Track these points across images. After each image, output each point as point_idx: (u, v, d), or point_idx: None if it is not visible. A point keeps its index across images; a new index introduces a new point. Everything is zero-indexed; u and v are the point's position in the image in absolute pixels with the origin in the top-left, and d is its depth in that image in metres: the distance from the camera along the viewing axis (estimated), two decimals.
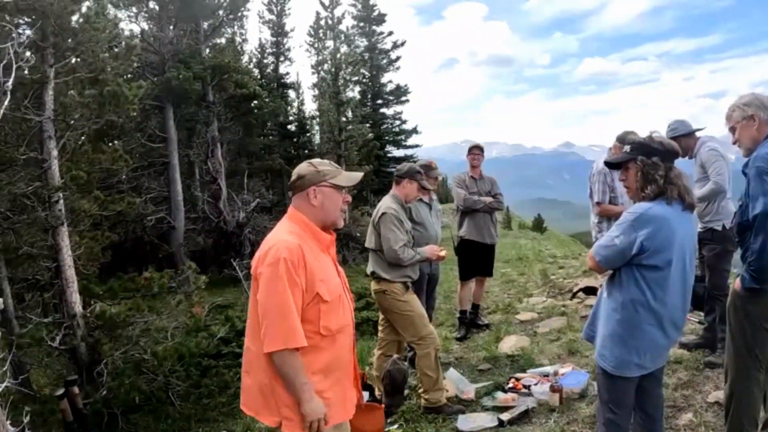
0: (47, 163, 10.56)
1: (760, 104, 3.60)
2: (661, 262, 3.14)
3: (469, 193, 7.71)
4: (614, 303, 3.29)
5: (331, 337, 2.97)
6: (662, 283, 3.18)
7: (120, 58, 11.54)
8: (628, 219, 3.18)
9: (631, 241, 3.12)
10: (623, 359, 3.26)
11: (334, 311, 2.99)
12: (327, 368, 2.99)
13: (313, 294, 2.88)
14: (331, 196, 3.07)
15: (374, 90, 38.41)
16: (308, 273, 2.86)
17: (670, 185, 3.18)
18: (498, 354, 7.03)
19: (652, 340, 3.25)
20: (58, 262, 10.79)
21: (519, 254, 18.49)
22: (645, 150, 3.24)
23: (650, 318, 3.20)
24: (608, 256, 3.23)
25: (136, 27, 24.66)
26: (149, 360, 10.87)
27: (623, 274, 3.24)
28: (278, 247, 2.85)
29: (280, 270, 2.78)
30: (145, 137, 23.47)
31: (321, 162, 3.13)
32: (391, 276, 5.32)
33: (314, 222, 3.06)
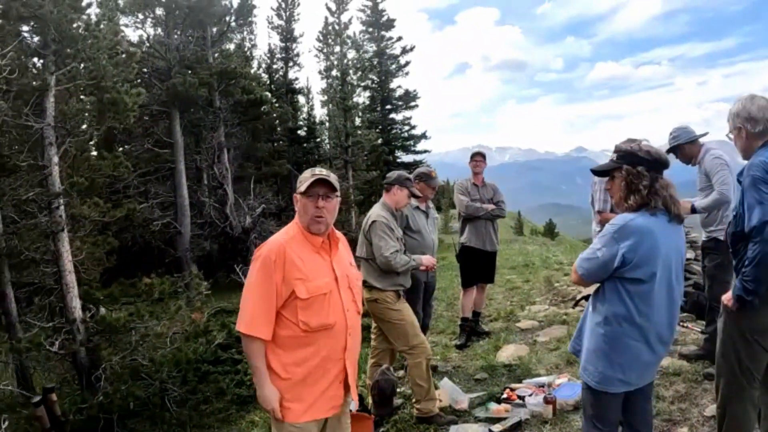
0: (48, 170, 10.58)
1: (747, 116, 3.51)
2: (645, 276, 3.06)
3: (471, 200, 7.66)
4: (598, 317, 3.21)
5: (312, 333, 3.13)
6: (646, 297, 3.09)
7: (121, 65, 11.56)
8: (610, 231, 3.09)
9: (613, 253, 3.04)
10: (607, 375, 3.18)
11: (313, 309, 3.13)
12: (303, 362, 3.15)
13: (290, 290, 3.08)
14: (303, 202, 3.23)
15: (383, 95, 38.39)
16: (287, 271, 3.08)
17: (654, 196, 3.08)
18: (495, 363, 6.97)
19: (637, 356, 3.18)
20: (59, 267, 10.80)
21: (526, 260, 18.36)
22: (631, 159, 3.15)
23: (634, 333, 3.12)
24: (590, 269, 3.16)
25: (143, 33, 24.83)
26: (147, 365, 10.87)
27: (606, 287, 3.17)
28: (266, 245, 3.18)
29: (258, 266, 3.10)
30: (151, 143, 23.56)
31: (314, 169, 3.31)
32: (382, 285, 5.27)
33: (302, 225, 3.27)
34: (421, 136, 39.59)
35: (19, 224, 11.33)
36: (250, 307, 3.08)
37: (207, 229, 25.49)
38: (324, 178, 3.23)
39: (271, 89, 34.20)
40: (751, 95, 3.63)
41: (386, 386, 5.26)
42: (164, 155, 24.22)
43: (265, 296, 3.06)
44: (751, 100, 3.58)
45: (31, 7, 9.98)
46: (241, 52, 31.69)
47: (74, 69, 10.93)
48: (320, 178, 3.22)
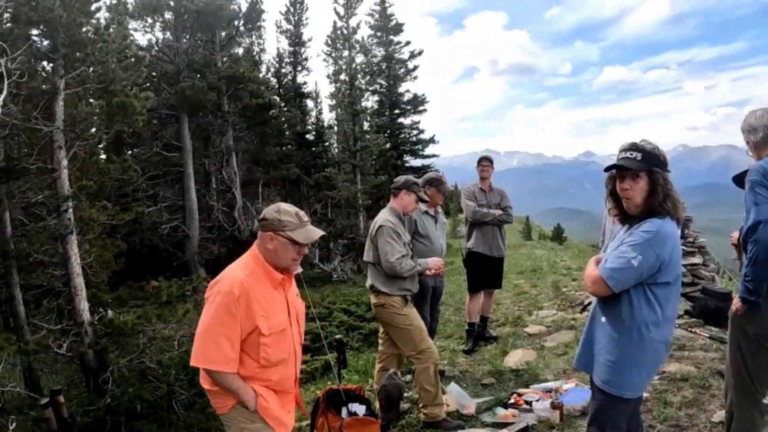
0: (57, 173, 10.61)
1: (748, 128, 3.61)
2: (672, 278, 3.07)
3: (479, 205, 7.62)
4: (619, 326, 3.13)
5: (270, 367, 3.28)
6: (670, 298, 3.10)
7: (129, 69, 11.61)
8: (646, 238, 3.00)
9: (651, 260, 2.98)
10: (633, 382, 3.14)
11: (274, 344, 3.27)
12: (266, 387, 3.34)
13: (253, 326, 3.16)
14: (286, 246, 3.28)
15: (391, 99, 38.44)
16: (249, 308, 3.14)
17: (679, 204, 3.11)
18: (503, 368, 6.95)
19: (657, 358, 3.20)
20: (67, 269, 10.83)
21: (534, 265, 18.32)
22: (658, 162, 3.08)
23: (658, 336, 3.10)
24: (624, 279, 3.04)
25: (152, 37, 24.92)
26: (154, 368, 10.87)
27: (633, 294, 3.08)
28: (225, 280, 3.18)
29: (219, 302, 3.10)
30: (160, 146, 23.65)
31: (287, 211, 3.32)
32: (389, 289, 5.27)
33: (267, 262, 3.31)
34: (429, 141, 39.62)
35: (28, 227, 11.39)
36: (216, 343, 3.11)
37: (215, 233, 25.57)
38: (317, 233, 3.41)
39: (280, 93, 34.26)
40: (751, 111, 3.71)
41: (393, 390, 5.25)
42: (173, 159, 24.33)
43: (231, 333, 3.11)
44: (751, 113, 3.67)
45: (40, 11, 10.03)
46: (250, 56, 31.76)
47: (83, 73, 10.98)
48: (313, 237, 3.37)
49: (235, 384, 3.18)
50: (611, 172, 3.26)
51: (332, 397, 5.16)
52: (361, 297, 18.02)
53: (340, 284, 25.38)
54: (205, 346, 3.11)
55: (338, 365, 5.32)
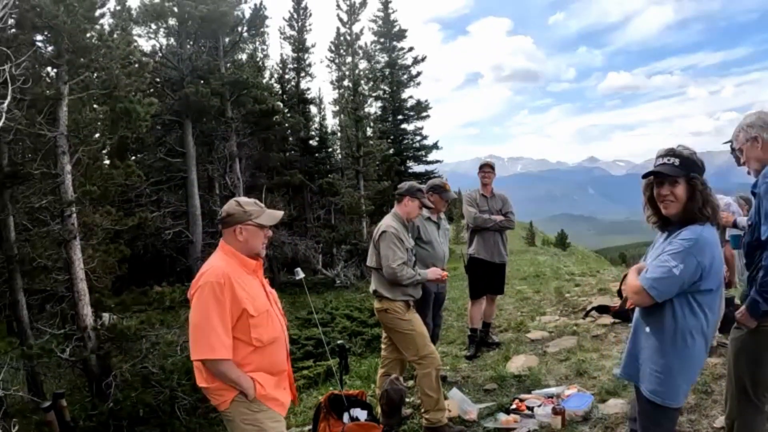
0: (60, 178, 10.67)
1: (764, 124, 3.50)
2: (715, 285, 3.03)
3: (480, 212, 7.59)
4: (664, 335, 3.09)
5: (263, 347, 3.42)
6: (713, 305, 3.07)
7: (133, 75, 11.65)
8: (686, 246, 2.97)
9: (692, 268, 2.94)
10: (680, 390, 3.11)
11: (263, 325, 3.41)
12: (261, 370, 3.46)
13: (241, 310, 3.30)
14: (255, 233, 3.53)
15: (395, 105, 38.43)
16: (233, 293, 3.28)
17: (717, 208, 3.08)
18: (505, 374, 6.92)
19: (700, 364, 3.17)
20: (71, 274, 10.86)
21: (537, 271, 18.31)
22: (697, 168, 3.06)
23: (702, 343, 3.08)
24: (666, 289, 3.00)
25: (156, 43, 25.00)
26: (157, 373, 10.89)
27: (676, 303, 3.04)
28: (209, 272, 3.33)
29: (206, 292, 3.24)
30: (164, 152, 23.72)
31: (247, 202, 3.57)
32: (392, 295, 5.27)
33: (240, 252, 3.51)
34: (432, 147, 39.60)
35: (32, 232, 11.44)
36: (213, 331, 3.22)
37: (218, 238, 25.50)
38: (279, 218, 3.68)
39: (284, 99, 34.32)
40: (761, 110, 3.63)
41: (395, 395, 5.24)
42: (176, 164, 24.41)
43: (223, 319, 3.24)
44: (763, 111, 3.58)
45: (45, 17, 10.08)
46: (254, 62, 31.84)
47: (87, 78, 11.04)
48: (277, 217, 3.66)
49: (234, 373, 3.29)
50: (648, 179, 3.21)
51: (334, 403, 5.17)
52: (364, 302, 18.02)
53: (343, 290, 25.39)
54: (203, 337, 3.22)
55: (340, 370, 5.33)
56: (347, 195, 28.57)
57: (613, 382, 6.02)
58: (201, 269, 3.45)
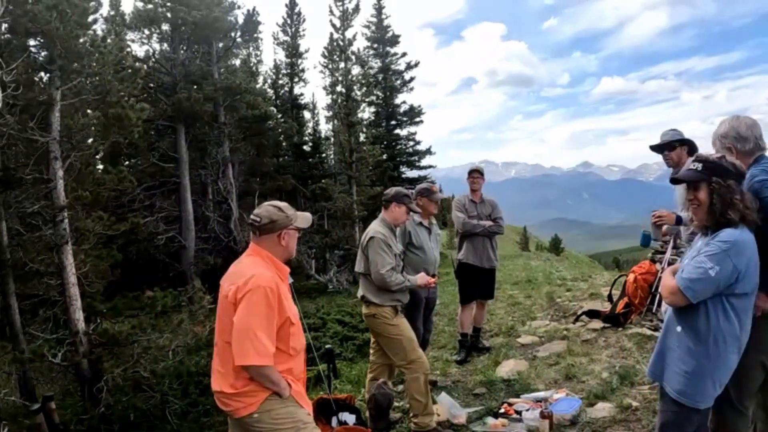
0: (53, 183, 10.69)
1: (737, 135, 3.55)
2: (750, 289, 3.06)
3: (469, 217, 7.63)
4: (696, 336, 3.12)
5: (296, 356, 3.51)
6: (748, 309, 3.10)
7: (126, 80, 11.69)
8: (723, 248, 3.00)
9: (728, 271, 2.97)
10: (708, 393, 3.15)
11: (299, 333, 3.51)
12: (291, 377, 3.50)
13: (285, 317, 3.35)
14: (294, 236, 3.60)
15: (388, 111, 38.49)
16: (280, 301, 3.32)
17: (748, 210, 3.08)
18: (494, 378, 6.97)
19: (731, 368, 3.16)
20: (63, 279, 10.88)
21: (529, 276, 18.34)
22: (720, 171, 3.09)
23: (735, 347, 3.10)
24: (702, 290, 3.04)
25: (149, 48, 25.02)
26: (149, 378, 10.90)
27: (710, 305, 3.08)
28: (258, 276, 3.29)
29: (260, 297, 3.23)
30: (157, 157, 23.72)
31: (286, 206, 3.59)
32: (380, 300, 5.32)
33: (278, 258, 3.55)
34: (425, 152, 39.63)
35: (24, 236, 11.44)
36: (261, 338, 3.22)
37: (211, 244, 25.58)
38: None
39: (277, 104, 34.36)
40: (736, 116, 3.67)
41: (382, 400, 5.28)
42: (169, 170, 24.40)
43: (270, 326, 3.27)
44: (737, 119, 3.62)
45: (38, 22, 10.11)
46: (247, 67, 31.89)
47: (80, 84, 11.07)
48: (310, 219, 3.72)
49: (275, 375, 3.32)
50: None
51: (322, 407, 5.20)
52: (356, 308, 18.01)
53: (335, 295, 25.39)
54: (253, 342, 3.20)
55: (328, 375, 5.36)
56: (340, 200, 28.57)
57: (602, 387, 6.08)
58: (243, 272, 3.39)
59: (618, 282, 9.65)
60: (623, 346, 7.56)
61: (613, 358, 7.18)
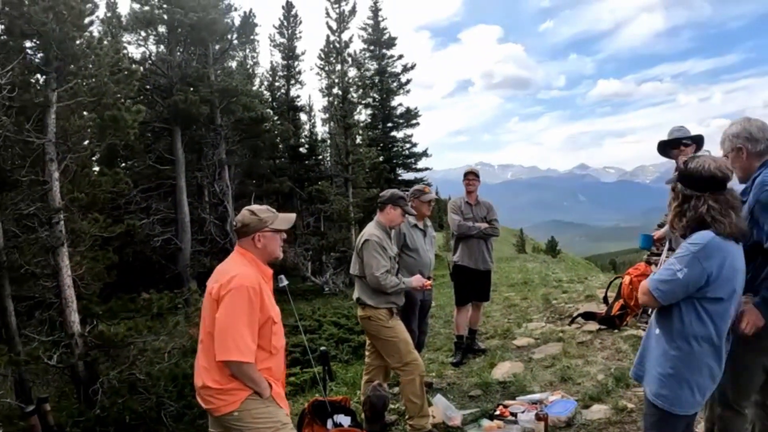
0: (48, 185, 10.67)
1: (749, 135, 3.52)
2: (725, 294, 2.99)
3: (464, 219, 7.62)
4: (672, 339, 3.09)
5: (277, 354, 3.63)
6: (724, 315, 3.04)
7: (122, 82, 11.68)
8: (692, 250, 2.97)
9: (696, 273, 2.94)
10: (684, 398, 3.08)
11: (279, 332, 3.63)
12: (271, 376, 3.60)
13: (267, 316, 3.46)
14: (272, 238, 3.69)
15: (384, 113, 38.50)
16: (262, 300, 3.43)
17: (714, 222, 3.00)
18: (490, 380, 6.96)
19: (712, 376, 3.10)
20: (58, 281, 10.87)
21: (525, 278, 18.34)
22: (690, 180, 3.07)
23: (712, 353, 3.05)
24: (669, 291, 3.02)
25: (145, 50, 25.01)
26: (144, 380, 10.89)
27: (683, 308, 3.05)
28: (242, 275, 3.41)
29: (243, 295, 3.34)
30: (153, 159, 23.71)
31: (260, 209, 3.70)
32: (375, 302, 5.32)
33: (260, 259, 3.67)
34: (422, 154, 39.66)
35: (20, 238, 11.42)
36: (243, 335, 3.31)
37: (207, 246, 25.59)
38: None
39: (273, 107, 34.37)
40: (747, 117, 3.65)
41: (377, 401, 5.28)
42: (165, 172, 24.38)
43: (252, 324, 3.37)
44: (749, 121, 3.60)
45: (34, 24, 10.11)
46: (243, 69, 31.87)
47: (76, 86, 11.06)
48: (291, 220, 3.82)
49: (256, 374, 3.41)
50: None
51: (318, 409, 5.21)
52: (352, 310, 18.04)
53: (331, 297, 25.41)
54: (235, 339, 3.28)
55: (324, 377, 5.37)
56: (336, 202, 28.58)
57: (597, 388, 6.08)
58: (226, 271, 3.51)
59: (613, 284, 9.66)
60: (619, 347, 7.57)
61: (608, 360, 7.18)
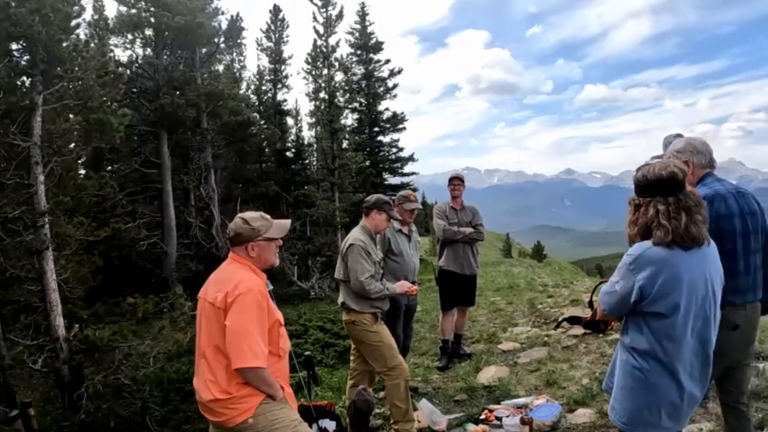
0: (34, 188, 10.62)
1: (693, 149, 3.72)
2: (666, 309, 2.80)
3: (450, 224, 7.64)
4: (624, 353, 3.02)
5: (284, 357, 3.60)
6: (670, 332, 2.83)
7: (108, 85, 11.64)
8: (626, 262, 2.88)
9: (629, 286, 2.84)
10: (635, 415, 2.97)
11: (285, 335, 3.62)
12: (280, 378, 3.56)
13: (274, 320, 3.47)
14: (266, 246, 3.63)
15: (371, 117, 38.48)
16: (269, 303, 3.45)
17: (658, 227, 2.84)
18: (475, 384, 6.97)
19: (665, 396, 2.91)
20: (43, 285, 10.81)
21: (511, 282, 18.36)
22: (637, 187, 2.99)
23: (660, 370, 2.88)
24: (611, 303, 2.97)
25: (132, 53, 24.94)
26: (129, 384, 10.84)
27: (629, 321, 2.99)
28: (246, 281, 3.38)
29: (252, 300, 3.32)
30: (139, 163, 23.62)
31: (254, 218, 3.64)
32: (360, 307, 5.32)
33: (256, 266, 3.61)
34: (408, 159, 39.64)
35: (5, 242, 11.34)
36: (257, 340, 3.29)
37: (193, 250, 25.49)
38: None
39: (260, 111, 34.33)
40: (689, 136, 3.91)
41: (362, 406, 5.28)
42: (151, 175, 24.28)
43: (263, 328, 3.36)
44: (692, 138, 3.84)
45: (20, 26, 10.06)
46: (230, 73, 31.83)
47: (62, 89, 11.02)
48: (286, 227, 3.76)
49: (270, 378, 3.38)
50: None
51: (302, 414, 5.20)
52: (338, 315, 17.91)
53: (317, 302, 25.34)
54: (250, 345, 3.26)
55: (308, 382, 5.36)
56: (322, 207, 28.53)
57: (582, 393, 6.10)
58: (228, 278, 3.46)
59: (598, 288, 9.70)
60: (604, 352, 7.60)
61: (593, 365, 7.21)
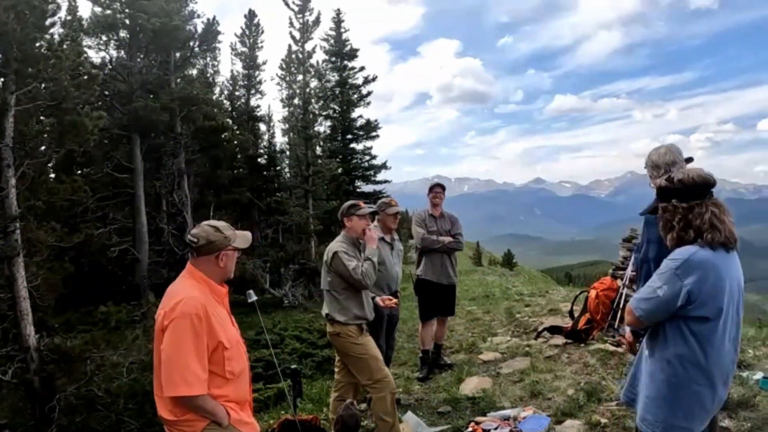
0: (5, 192, 10.39)
1: (652, 165, 3.94)
2: (711, 313, 2.85)
3: (429, 232, 7.61)
4: (659, 362, 2.99)
5: (234, 379, 3.35)
6: (711, 336, 2.88)
7: (82, 87, 11.44)
8: (672, 267, 2.87)
9: (676, 291, 2.83)
10: (670, 423, 2.97)
11: (236, 356, 3.37)
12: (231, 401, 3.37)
13: (216, 342, 3.23)
14: (233, 256, 3.51)
15: (344, 125, 38.41)
16: (209, 325, 3.20)
17: (711, 229, 2.87)
18: (459, 396, 6.93)
19: (701, 402, 2.95)
20: (13, 293, 10.57)
21: (486, 291, 18.40)
22: (662, 194, 3.01)
23: (700, 377, 2.91)
24: (650, 310, 2.93)
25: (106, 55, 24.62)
26: (103, 396, 10.63)
27: (668, 328, 2.95)
28: (185, 302, 3.18)
29: (185, 324, 3.12)
30: (111, 167, 23.26)
31: (224, 226, 3.50)
32: (345, 318, 5.28)
33: (214, 279, 3.44)
34: (381, 166, 39.61)
35: None
36: (190, 367, 3.11)
37: (165, 257, 25.17)
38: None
39: (233, 116, 34.12)
40: (655, 147, 4.01)
41: (350, 420, 5.18)
42: (123, 180, 23.94)
43: (200, 353, 3.15)
44: (654, 150, 3.97)
45: None
46: (204, 77, 31.60)
47: (35, 89, 10.82)
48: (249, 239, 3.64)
49: (210, 404, 3.20)
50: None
51: (287, 429, 5.09)
52: (313, 323, 17.89)
53: (291, 310, 25.18)
54: (182, 373, 3.09)
55: (293, 395, 5.25)
56: (296, 214, 28.44)
57: (569, 403, 6.06)
58: (172, 296, 3.29)
59: (579, 298, 9.71)
60: (587, 362, 7.58)
61: (577, 375, 7.18)
